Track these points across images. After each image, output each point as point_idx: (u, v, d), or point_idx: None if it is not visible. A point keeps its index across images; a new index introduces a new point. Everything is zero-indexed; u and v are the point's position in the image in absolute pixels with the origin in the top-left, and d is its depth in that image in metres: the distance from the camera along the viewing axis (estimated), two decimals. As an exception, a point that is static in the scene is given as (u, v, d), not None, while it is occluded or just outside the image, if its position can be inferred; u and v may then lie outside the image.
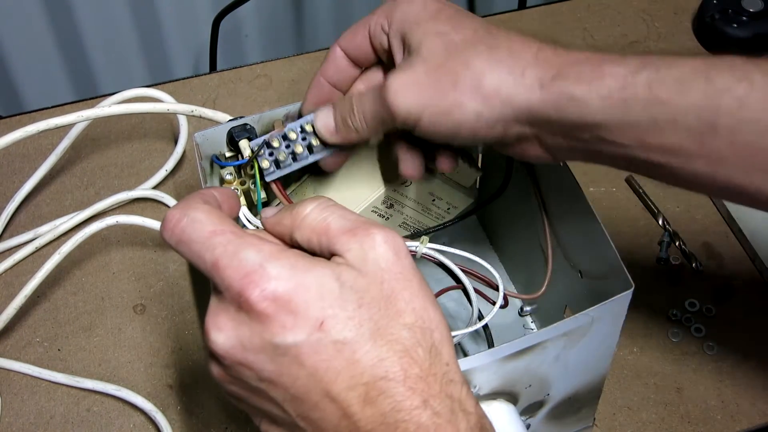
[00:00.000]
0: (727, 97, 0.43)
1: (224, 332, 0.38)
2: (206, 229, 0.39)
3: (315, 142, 0.52)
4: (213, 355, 0.39)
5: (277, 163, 0.53)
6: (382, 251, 0.39)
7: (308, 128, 0.52)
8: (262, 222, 0.43)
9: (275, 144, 0.53)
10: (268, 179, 0.53)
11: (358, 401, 0.37)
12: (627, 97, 0.44)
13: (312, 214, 0.41)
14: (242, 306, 0.38)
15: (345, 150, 0.54)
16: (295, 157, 0.53)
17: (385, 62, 0.53)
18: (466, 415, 0.38)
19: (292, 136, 0.52)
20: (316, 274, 0.38)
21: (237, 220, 0.54)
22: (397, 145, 0.53)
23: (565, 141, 0.47)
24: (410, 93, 0.47)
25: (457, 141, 0.49)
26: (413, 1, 0.50)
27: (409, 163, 0.53)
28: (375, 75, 0.54)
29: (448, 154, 0.54)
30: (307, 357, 0.37)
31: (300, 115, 0.56)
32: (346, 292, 0.38)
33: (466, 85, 0.46)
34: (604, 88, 0.45)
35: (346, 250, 0.39)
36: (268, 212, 0.43)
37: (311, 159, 0.53)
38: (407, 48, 0.49)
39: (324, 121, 0.51)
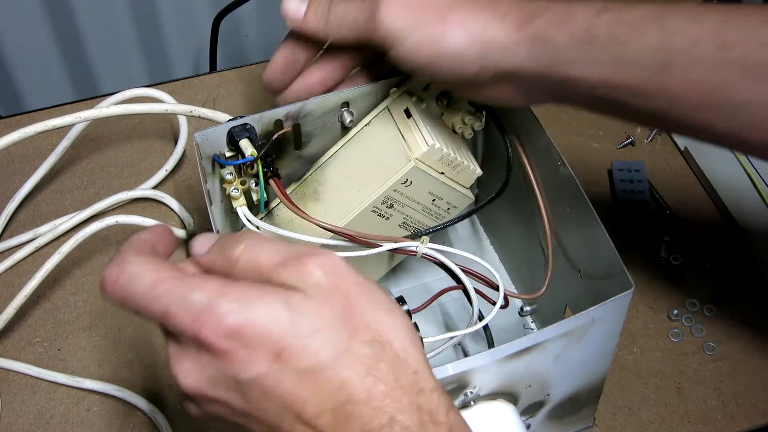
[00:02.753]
0: (679, 38, 0.47)
1: (192, 374, 0.38)
2: (146, 281, 0.39)
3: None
4: (187, 397, 0.39)
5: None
6: (319, 275, 0.38)
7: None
8: (194, 260, 0.42)
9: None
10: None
11: (328, 426, 0.37)
12: (591, 38, 0.48)
13: (243, 255, 0.40)
14: (201, 347, 0.38)
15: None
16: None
17: None
18: (435, 426, 0.37)
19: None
20: (264, 304, 0.37)
21: (239, 225, 0.55)
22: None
23: (537, 83, 0.50)
24: (401, 13, 0.50)
25: (428, 73, 0.52)
26: None
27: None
28: None
29: None
30: (272, 389, 0.37)
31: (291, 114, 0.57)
32: (297, 319, 0.37)
33: (454, 21, 0.50)
34: (570, 30, 0.48)
35: (285, 279, 0.38)
36: (198, 248, 0.42)
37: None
38: None
39: (295, 5, 0.54)
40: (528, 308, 0.67)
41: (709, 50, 0.46)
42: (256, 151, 0.55)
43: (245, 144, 0.55)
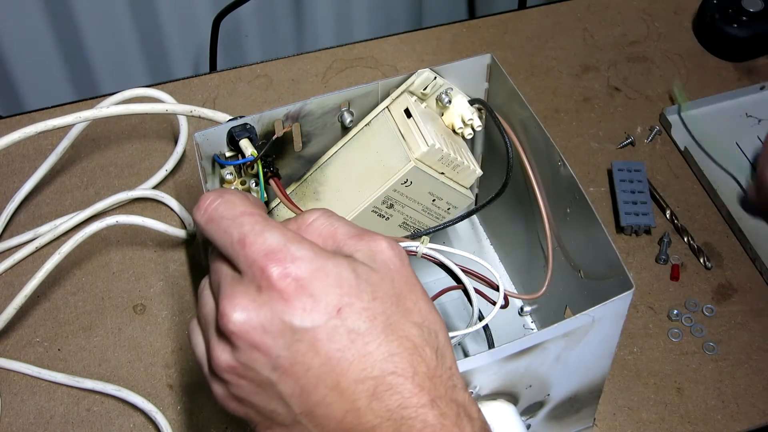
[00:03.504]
0: None
1: (246, 312, 0.38)
2: (238, 209, 0.40)
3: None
4: (227, 338, 0.38)
5: None
6: (390, 255, 0.41)
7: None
8: None
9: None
10: None
11: (365, 395, 0.37)
12: None
13: (319, 220, 0.42)
14: (262, 285, 0.38)
15: None
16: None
17: None
18: (470, 420, 0.38)
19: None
20: (335, 262, 0.39)
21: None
22: None
23: None
24: None
25: None
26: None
27: None
28: None
29: None
30: (322, 344, 0.37)
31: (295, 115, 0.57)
32: (361, 284, 0.39)
33: None
34: None
35: (356, 251, 0.40)
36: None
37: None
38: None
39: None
40: (528, 308, 0.67)
41: None
42: (256, 151, 0.55)
43: (245, 144, 0.55)
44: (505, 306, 0.53)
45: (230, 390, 0.40)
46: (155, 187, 0.77)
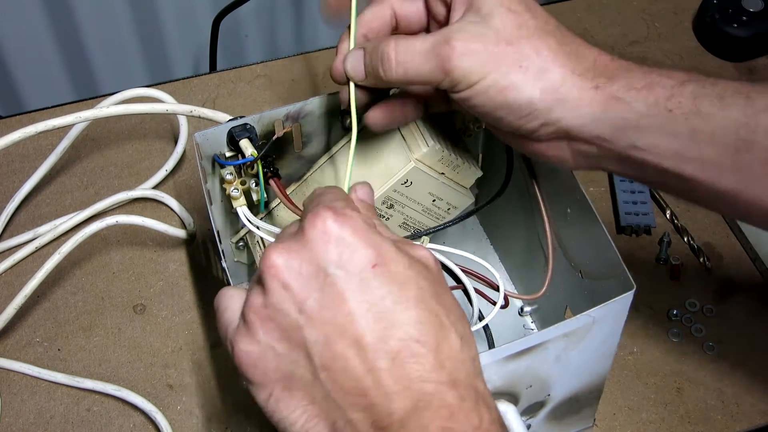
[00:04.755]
0: (766, 117, 0.44)
1: (286, 253, 0.39)
2: (330, 188, 0.45)
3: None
4: (262, 280, 0.39)
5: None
6: (428, 255, 0.42)
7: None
8: None
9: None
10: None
11: (386, 357, 0.37)
12: (672, 107, 0.46)
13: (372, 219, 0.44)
14: (307, 230, 0.39)
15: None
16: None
17: (431, 11, 0.52)
18: (488, 409, 0.38)
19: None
20: (380, 236, 0.40)
21: (239, 225, 0.54)
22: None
23: (599, 146, 0.48)
24: (475, 58, 0.47)
25: (490, 119, 0.49)
26: None
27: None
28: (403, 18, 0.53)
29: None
30: (352, 294, 0.38)
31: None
32: (400, 253, 0.40)
33: (530, 71, 0.47)
34: (652, 96, 0.46)
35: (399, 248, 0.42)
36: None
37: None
38: (473, 9, 0.48)
39: (353, 64, 0.51)
40: (528, 308, 0.67)
41: None
42: (256, 152, 0.55)
43: (245, 144, 0.55)
44: (505, 306, 0.53)
45: (256, 338, 0.40)
46: (155, 187, 0.77)
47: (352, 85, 0.51)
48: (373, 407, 0.37)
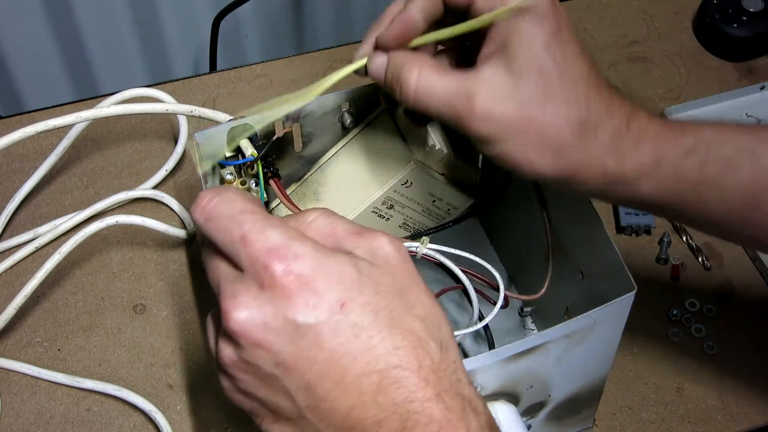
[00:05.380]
0: None
1: (248, 310, 0.38)
2: (237, 207, 0.40)
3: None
4: (230, 336, 0.38)
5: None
6: (390, 250, 0.41)
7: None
8: None
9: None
10: None
11: (371, 389, 0.37)
12: (681, 178, 0.47)
13: (318, 219, 0.42)
14: (265, 282, 0.38)
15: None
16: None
17: (452, 22, 0.49)
18: (476, 415, 0.38)
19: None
20: (336, 259, 0.39)
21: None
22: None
23: (602, 191, 0.49)
24: (495, 125, 0.46)
25: (501, 160, 0.48)
26: None
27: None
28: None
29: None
30: (326, 339, 0.37)
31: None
32: (363, 279, 0.39)
33: (548, 151, 0.46)
34: (661, 173, 0.47)
35: (356, 247, 0.40)
36: None
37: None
38: (505, 56, 0.46)
39: (375, 67, 0.49)
40: (528, 309, 0.67)
41: None
42: (256, 152, 0.55)
43: (245, 144, 0.55)
44: (505, 306, 0.53)
45: (236, 384, 0.40)
46: (155, 187, 0.77)
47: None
48: None
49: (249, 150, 0.55)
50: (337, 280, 0.38)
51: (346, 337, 0.37)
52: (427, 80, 0.47)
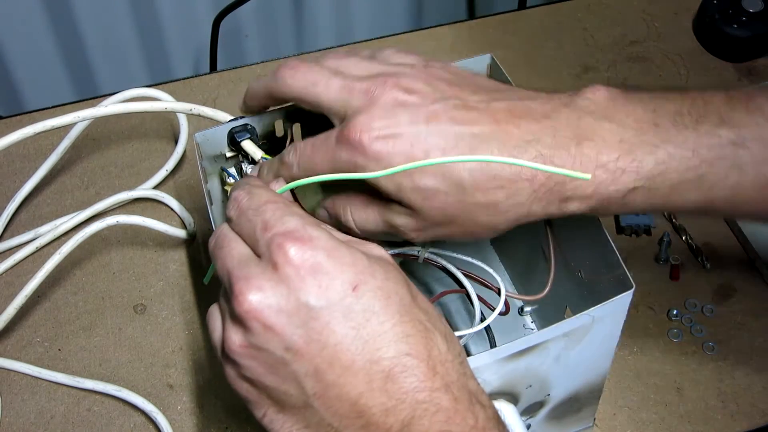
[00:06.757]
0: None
1: (261, 291, 0.38)
2: (262, 198, 0.42)
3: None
4: (240, 321, 0.39)
5: None
6: (383, 252, 0.42)
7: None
8: None
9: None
10: None
11: (380, 376, 0.37)
12: (682, 189, 0.47)
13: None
14: (279, 262, 0.38)
15: None
16: None
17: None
18: (483, 407, 0.39)
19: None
20: (348, 246, 0.40)
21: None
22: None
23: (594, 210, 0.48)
24: (436, 224, 0.46)
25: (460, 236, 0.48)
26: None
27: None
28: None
29: None
30: (338, 323, 0.38)
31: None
32: (374, 265, 0.40)
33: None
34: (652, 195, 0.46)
35: (357, 246, 0.42)
36: None
37: None
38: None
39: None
40: (528, 308, 0.67)
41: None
42: (266, 155, 0.55)
43: (252, 148, 0.55)
44: (505, 312, 0.53)
45: (242, 372, 0.40)
46: (155, 187, 0.77)
47: None
48: (371, 425, 0.37)
49: (259, 154, 0.55)
50: (350, 263, 0.39)
51: (357, 321, 0.38)
52: (357, 216, 0.48)
